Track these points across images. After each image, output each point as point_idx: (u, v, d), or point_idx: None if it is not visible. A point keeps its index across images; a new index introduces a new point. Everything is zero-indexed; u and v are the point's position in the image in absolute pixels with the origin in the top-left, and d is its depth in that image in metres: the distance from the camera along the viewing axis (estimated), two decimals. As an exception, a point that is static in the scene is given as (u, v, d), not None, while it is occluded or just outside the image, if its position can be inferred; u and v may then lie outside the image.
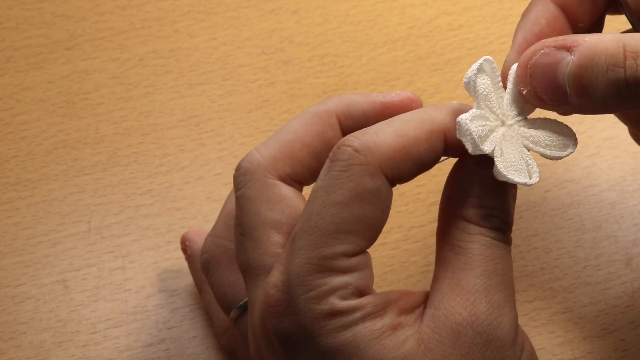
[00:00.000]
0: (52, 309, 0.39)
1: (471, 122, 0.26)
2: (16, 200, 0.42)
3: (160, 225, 0.42)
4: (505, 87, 0.28)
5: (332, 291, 0.25)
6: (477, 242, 0.26)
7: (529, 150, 0.28)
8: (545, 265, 0.41)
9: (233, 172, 0.44)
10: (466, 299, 0.25)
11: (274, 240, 0.28)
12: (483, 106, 0.27)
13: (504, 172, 0.26)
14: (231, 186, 0.43)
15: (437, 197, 0.43)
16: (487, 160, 0.27)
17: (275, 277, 0.26)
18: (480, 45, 0.49)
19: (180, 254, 0.41)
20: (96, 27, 0.49)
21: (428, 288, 0.40)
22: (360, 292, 0.26)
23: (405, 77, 0.48)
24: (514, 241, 0.41)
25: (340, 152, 0.26)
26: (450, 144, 0.27)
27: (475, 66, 0.27)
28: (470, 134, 0.26)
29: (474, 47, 0.49)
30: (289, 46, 0.49)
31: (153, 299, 0.39)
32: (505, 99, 0.28)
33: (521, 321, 0.39)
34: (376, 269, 0.40)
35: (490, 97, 0.27)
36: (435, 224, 0.31)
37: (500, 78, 0.28)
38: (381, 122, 0.27)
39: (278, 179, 0.29)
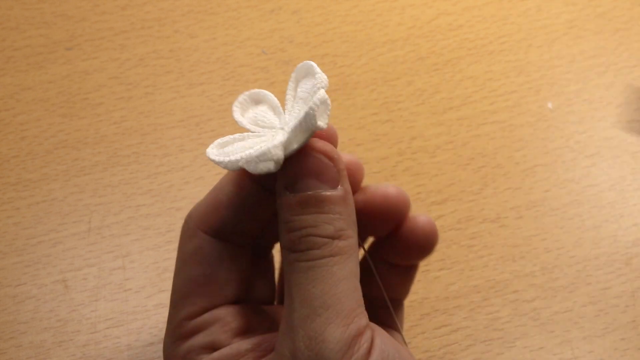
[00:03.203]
0: (52, 308, 0.39)
1: (215, 149, 0.26)
2: (16, 200, 0.42)
3: (161, 225, 0.42)
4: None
5: (185, 355, 0.27)
6: (295, 271, 0.25)
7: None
8: (545, 265, 0.41)
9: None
10: (290, 338, 0.24)
11: None
12: (258, 130, 0.27)
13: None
14: (231, 186, 0.43)
15: (437, 197, 0.43)
16: (292, 181, 0.26)
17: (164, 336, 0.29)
18: (480, 45, 0.49)
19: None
20: (96, 27, 0.49)
21: (428, 287, 0.40)
22: (213, 347, 0.27)
23: (405, 77, 0.48)
24: (514, 240, 0.41)
25: None
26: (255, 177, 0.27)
27: (236, 104, 0.27)
28: (213, 157, 0.26)
29: (474, 47, 0.49)
30: (289, 46, 0.49)
31: (153, 298, 0.39)
32: (289, 114, 0.27)
33: (521, 321, 0.39)
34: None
35: (267, 119, 0.27)
36: (436, 224, 0.31)
37: (276, 105, 0.28)
38: None
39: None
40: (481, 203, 0.43)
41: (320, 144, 0.26)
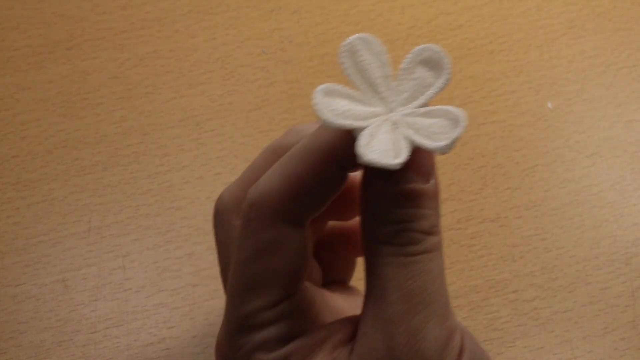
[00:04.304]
0: (52, 308, 0.39)
1: (326, 97, 0.24)
2: (16, 200, 0.42)
3: (161, 225, 0.42)
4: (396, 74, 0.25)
5: (257, 347, 0.26)
6: (390, 264, 0.24)
7: (408, 141, 0.24)
8: (545, 265, 0.41)
9: (233, 171, 0.44)
10: (384, 332, 0.24)
11: None
12: (364, 88, 0.25)
13: (364, 152, 0.23)
14: (231, 186, 0.43)
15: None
16: (388, 173, 0.24)
17: (220, 331, 0.27)
18: (480, 45, 0.49)
19: (180, 254, 0.41)
20: (96, 27, 0.49)
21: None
22: (289, 338, 0.26)
23: (405, 77, 0.48)
24: (513, 240, 0.41)
25: (242, 208, 0.26)
26: (348, 161, 0.25)
27: (350, 41, 0.25)
28: (320, 105, 0.23)
29: (474, 47, 0.49)
30: (289, 46, 0.49)
31: (153, 298, 0.39)
32: (395, 87, 0.25)
33: (521, 321, 0.39)
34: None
35: (375, 80, 0.25)
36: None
37: (388, 63, 0.25)
38: (274, 165, 0.26)
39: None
40: (481, 203, 0.43)
41: None
